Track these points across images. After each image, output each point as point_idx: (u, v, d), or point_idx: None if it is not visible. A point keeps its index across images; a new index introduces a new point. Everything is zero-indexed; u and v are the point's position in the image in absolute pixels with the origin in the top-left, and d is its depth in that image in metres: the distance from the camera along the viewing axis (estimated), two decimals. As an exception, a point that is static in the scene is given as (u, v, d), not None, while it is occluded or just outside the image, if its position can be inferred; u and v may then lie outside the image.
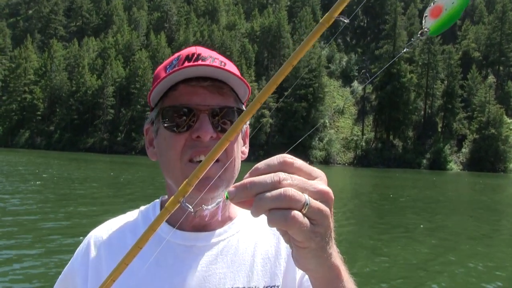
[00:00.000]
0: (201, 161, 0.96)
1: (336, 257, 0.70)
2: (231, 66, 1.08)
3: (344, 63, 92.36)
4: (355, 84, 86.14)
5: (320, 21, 0.54)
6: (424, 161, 70.13)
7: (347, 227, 13.10)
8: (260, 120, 75.60)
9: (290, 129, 70.88)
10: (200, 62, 1.03)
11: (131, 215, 1.19)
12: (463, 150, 72.11)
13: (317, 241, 0.63)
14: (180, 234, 1.08)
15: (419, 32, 0.54)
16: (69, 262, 1.16)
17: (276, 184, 0.60)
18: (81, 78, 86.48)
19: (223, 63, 1.05)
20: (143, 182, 23.55)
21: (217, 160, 0.90)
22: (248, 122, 1.19)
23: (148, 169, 33.52)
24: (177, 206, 0.60)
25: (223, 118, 1.03)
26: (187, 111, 1.02)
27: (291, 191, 0.60)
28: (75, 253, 1.16)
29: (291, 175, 0.62)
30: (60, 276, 1.16)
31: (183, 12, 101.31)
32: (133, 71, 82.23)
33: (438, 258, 9.55)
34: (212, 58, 1.05)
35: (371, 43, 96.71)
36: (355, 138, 75.89)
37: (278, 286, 1.06)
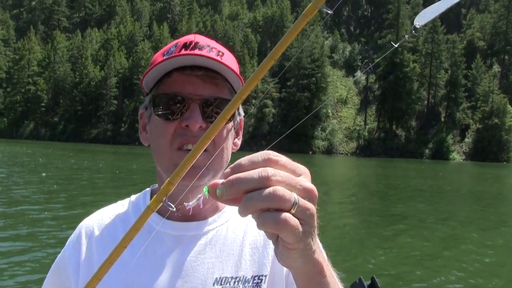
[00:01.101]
0: (189, 150, 0.99)
1: (319, 253, 0.70)
2: (228, 57, 1.07)
3: (347, 53, 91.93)
4: (358, 73, 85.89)
5: (303, 12, 0.52)
6: (427, 151, 70.04)
7: (352, 218, 12.98)
8: (262, 110, 75.74)
9: (293, 119, 70.78)
10: (196, 51, 1.01)
11: (122, 205, 1.19)
12: (466, 140, 71.91)
13: (305, 241, 0.63)
14: (169, 224, 1.08)
15: (412, 27, 0.54)
16: (61, 252, 1.16)
17: (264, 180, 0.59)
18: (84, 69, 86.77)
19: (220, 53, 1.04)
20: (148, 171, 23.75)
21: (205, 150, 0.95)
22: (242, 114, 1.14)
23: (151, 159, 33.67)
24: (160, 205, 0.60)
25: (215, 109, 1.03)
26: (179, 99, 1.02)
27: (281, 191, 0.59)
28: (67, 243, 1.16)
29: (279, 171, 0.61)
30: (52, 266, 1.16)
31: (186, 2, 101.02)
32: (136, 62, 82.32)
33: (444, 248, 9.50)
34: (210, 47, 1.04)
35: (375, 32, 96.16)
36: (358, 128, 75.82)
37: (265, 276, 1.06)
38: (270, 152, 0.63)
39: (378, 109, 78.20)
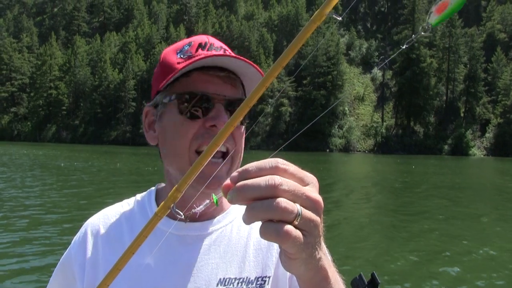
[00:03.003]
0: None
1: (324, 260, 0.70)
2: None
3: (364, 50, 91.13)
4: (375, 70, 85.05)
5: (311, 18, 0.52)
6: (446, 146, 68.92)
7: (370, 215, 12.83)
8: (279, 109, 75.83)
9: (309, 117, 70.69)
10: (214, 52, 1.02)
11: (127, 203, 1.18)
12: (487, 135, 70.40)
13: (308, 251, 0.63)
14: (174, 224, 1.07)
15: (420, 27, 0.54)
16: (67, 251, 1.16)
17: (271, 189, 0.59)
18: (103, 72, 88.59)
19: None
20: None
21: (226, 152, 0.99)
22: (244, 125, 1.12)
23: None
24: (167, 212, 0.60)
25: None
26: (204, 98, 1.01)
27: (284, 203, 0.59)
28: (72, 241, 1.16)
29: (286, 180, 0.61)
30: (57, 265, 1.17)
31: (202, 4, 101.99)
32: (153, 64, 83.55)
33: (467, 245, 9.21)
34: (223, 49, 1.05)
35: (392, 28, 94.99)
36: (375, 125, 75.13)
37: (269, 277, 1.05)
38: (279, 160, 0.62)
39: (395, 106, 77.36)
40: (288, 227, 0.59)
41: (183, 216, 0.62)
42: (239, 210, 1.14)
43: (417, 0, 78.49)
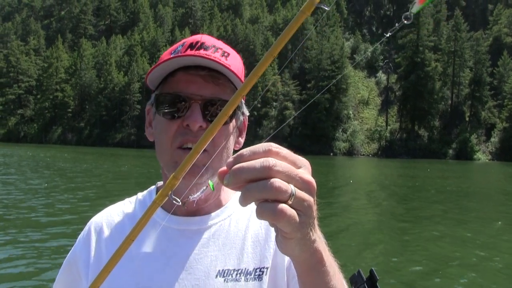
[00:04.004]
0: (189, 148, 1.03)
1: (319, 242, 0.72)
2: (233, 58, 1.09)
3: (369, 54, 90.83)
4: (380, 74, 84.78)
5: (301, 8, 0.53)
6: (450, 151, 68.43)
7: (374, 219, 12.73)
8: (283, 112, 75.75)
9: (313, 120, 70.63)
10: (202, 51, 1.04)
11: (129, 202, 1.23)
12: (492, 139, 69.80)
13: (303, 231, 0.65)
14: (174, 219, 1.11)
15: (403, 16, 0.55)
16: (71, 249, 1.20)
17: (266, 170, 0.61)
18: (108, 75, 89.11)
19: (226, 54, 1.06)
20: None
21: (205, 150, 1.00)
22: (247, 114, 1.18)
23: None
24: (165, 199, 0.62)
25: (216, 109, 1.05)
26: (181, 99, 1.04)
27: (278, 183, 0.60)
28: (77, 240, 1.20)
29: (280, 161, 0.63)
30: (63, 263, 1.21)
31: (207, 7, 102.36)
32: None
33: (469, 251, 9.12)
34: (216, 47, 1.06)
35: (397, 32, 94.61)
36: (379, 129, 74.83)
37: (267, 268, 1.08)
38: (271, 143, 0.64)
39: (400, 110, 77.01)
40: (283, 206, 0.61)
41: (180, 203, 0.64)
42: (237, 204, 1.16)
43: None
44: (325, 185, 20.71)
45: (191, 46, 1.06)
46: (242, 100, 1.11)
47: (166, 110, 1.06)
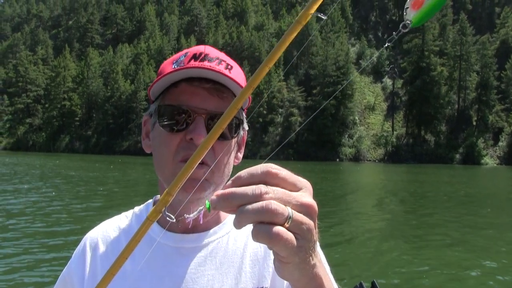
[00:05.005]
0: None
1: (320, 267, 0.69)
2: (236, 71, 1.06)
3: (375, 59, 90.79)
4: (386, 79, 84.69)
5: (296, 19, 0.53)
6: (457, 156, 68.01)
7: (381, 226, 12.59)
8: (289, 119, 75.84)
9: (319, 126, 70.62)
10: (206, 62, 1.01)
11: (126, 216, 1.20)
12: (500, 143, 69.31)
13: (301, 255, 0.62)
14: (170, 236, 1.08)
15: (401, 25, 0.52)
16: (67, 264, 1.18)
17: (258, 197, 0.59)
18: (115, 83, 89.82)
19: (229, 66, 1.04)
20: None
21: (205, 163, 0.96)
22: (246, 128, 1.14)
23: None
24: (159, 216, 0.60)
25: None
26: (184, 111, 1.01)
27: (274, 205, 0.58)
28: (73, 255, 1.18)
29: (274, 188, 0.60)
30: (59, 278, 1.19)
31: (213, 15, 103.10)
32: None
33: (476, 258, 8.93)
34: (219, 60, 1.03)
35: (403, 37, 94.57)
36: (386, 134, 74.63)
37: None
38: (270, 164, 0.62)
39: (406, 115, 76.78)
40: (279, 228, 0.58)
41: (174, 220, 0.63)
42: None
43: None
44: (332, 192, 20.64)
45: (195, 57, 1.03)
46: (244, 114, 1.11)
47: (167, 122, 1.02)
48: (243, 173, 0.62)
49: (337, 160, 68.84)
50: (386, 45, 0.58)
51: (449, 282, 7.41)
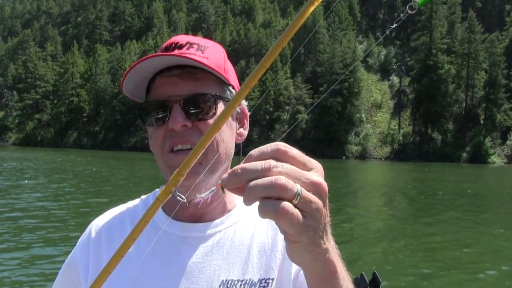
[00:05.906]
0: (179, 149, 1.01)
1: (333, 253, 0.68)
2: (212, 50, 1.06)
3: (382, 57, 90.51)
4: (393, 77, 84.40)
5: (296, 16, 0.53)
6: (464, 154, 67.68)
7: (387, 223, 12.55)
8: (295, 116, 75.87)
9: (326, 124, 70.64)
10: (176, 51, 1.01)
11: (132, 204, 1.20)
12: (508, 142, 68.85)
13: (309, 235, 0.61)
14: (177, 224, 1.08)
15: (407, 6, 0.52)
16: (71, 252, 1.18)
17: (266, 171, 0.59)
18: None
19: (202, 47, 1.03)
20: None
21: (191, 149, 0.97)
22: (245, 104, 1.14)
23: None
24: (169, 196, 0.60)
25: (197, 105, 1.01)
26: (161, 104, 1.02)
27: (283, 180, 0.58)
28: (77, 242, 1.18)
29: (283, 164, 0.60)
30: (62, 266, 1.18)
31: (220, 12, 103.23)
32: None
33: (482, 258, 8.90)
34: (190, 43, 1.03)
35: (411, 35, 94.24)
36: (392, 132, 74.45)
37: (273, 279, 1.05)
38: (280, 143, 0.62)
39: (412, 113, 76.52)
40: (286, 204, 0.58)
41: (185, 200, 0.62)
42: (242, 211, 1.13)
43: (434, 6, 77.64)
44: (340, 189, 20.66)
45: (167, 49, 1.03)
46: (233, 90, 1.10)
47: (149, 119, 1.04)
48: (254, 151, 0.62)
49: (343, 158, 68.84)
50: (394, 25, 0.58)
51: (460, 284, 7.32)
